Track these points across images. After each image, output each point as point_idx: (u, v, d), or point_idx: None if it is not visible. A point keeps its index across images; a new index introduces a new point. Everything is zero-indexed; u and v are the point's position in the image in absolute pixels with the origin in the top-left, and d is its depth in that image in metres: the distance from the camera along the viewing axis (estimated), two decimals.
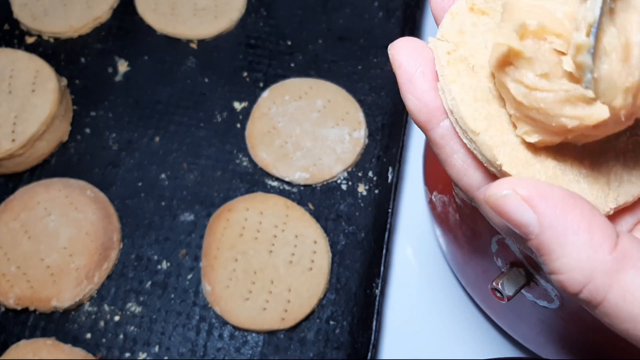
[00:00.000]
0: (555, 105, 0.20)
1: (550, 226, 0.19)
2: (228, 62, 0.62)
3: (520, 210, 0.20)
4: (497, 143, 0.21)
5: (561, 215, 0.19)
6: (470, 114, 0.21)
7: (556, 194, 0.20)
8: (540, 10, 0.20)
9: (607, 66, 0.19)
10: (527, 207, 0.20)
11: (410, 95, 0.23)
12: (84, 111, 0.59)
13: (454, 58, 0.22)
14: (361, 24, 0.64)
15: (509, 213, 0.20)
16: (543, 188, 0.20)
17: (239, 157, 0.57)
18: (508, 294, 0.35)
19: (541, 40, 0.20)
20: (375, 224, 0.53)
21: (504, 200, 0.20)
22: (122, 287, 0.51)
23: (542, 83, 0.20)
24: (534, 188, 0.20)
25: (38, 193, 0.53)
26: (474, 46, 0.23)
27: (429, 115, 0.23)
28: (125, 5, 0.64)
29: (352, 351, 0.48)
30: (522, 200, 0.20)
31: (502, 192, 0.20)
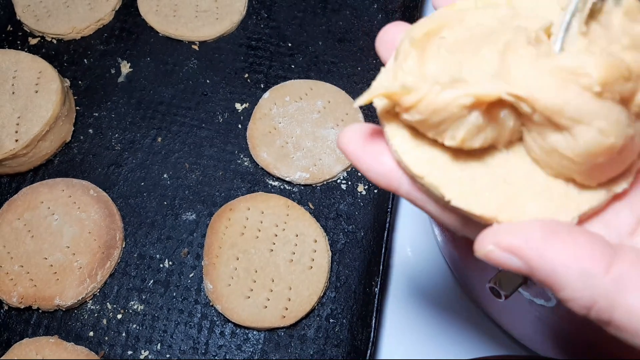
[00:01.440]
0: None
1: (539, 268, 0.20)
2: (229, 63, 0.62)
3: (508, 261, 0.21)
4: (442, 182, 0.22)
5: (545, 255, 0.20)
6: (412, 160, 0.23)
7: (536, 233, 0.21)
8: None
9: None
10: (512, 257, 0.21)
11: (366, 173, 0.25)
12: (86, 112, 0.59)
13: (391, 114, 0.24)
14: (361, 25, 0.65)
15: (500, 263, 0.21)
16: (522, 232, 0.21)
17: (240, 157, 0.57)
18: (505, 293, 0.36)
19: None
20: (375, 223, 0.54)
21: (490, 254, 0.21)
22: (125, 285, 0.51)
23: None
24: (514, 235, 0.21)
25: (41, 193, 0.53)
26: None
27: (389, 179, 0.24)
28: (128, 7, 0.65)
29: (352, 348, 0.48)
30: (505, 251, 0.21)
31: (486, 248, 0.21)
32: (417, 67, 0.23)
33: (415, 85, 0.21)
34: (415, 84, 0.22)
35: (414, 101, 0.21)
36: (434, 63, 0.23)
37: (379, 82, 0.24)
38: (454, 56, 0.23)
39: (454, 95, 0.21)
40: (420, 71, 0.23)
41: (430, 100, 0.21)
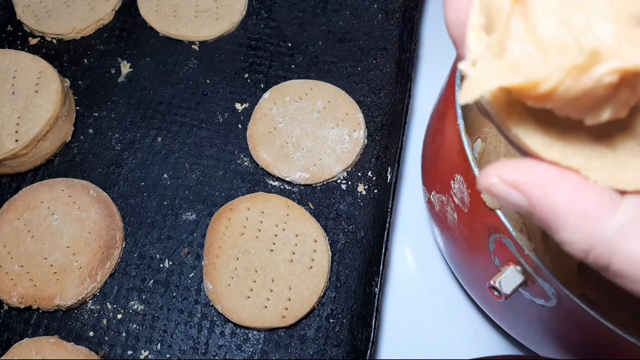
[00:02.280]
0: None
1: (541, 206, 0.20)
2: (229, 63, 0.62)
3: (510, 195, 0.21)
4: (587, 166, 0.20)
5: (550, 194, 0.20)
6: (558, 155, 0.21)
7: (544, 173, 0.20)
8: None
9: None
10: (515, 192, 0.20)
11: (449, 8, 0.22)
12: (87, 112, 0.59)
13: (500, 98, 0.21)
14: (361, 25, 0.65)
15: (502, 198, 0.21)
16: (530, 169, 0.20)
17: (240, 157, 0.57)
18: (505, 293, 0.36)
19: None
20: (375, 223, 0.54)
21: (493, 187, 0.21)
22: (125, 285, 0.51)
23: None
24: (520, 172, 0.20)
25: (41, 193, 0.53)
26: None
27: (462, 34, 0.22)
28: (128, 7, 0.65)
29: (352, 348, 0.49)
30: (509, 185, 0.20)
31: (490, 180, 0.21)
32: (527, 32, 0.19)
33: (540, 66, 0.18)
34: (537, 65, 0.18)
35: (546, 91, 0.18)
36: (546, 17, 0.19)
37: (485, 67, 0.20)
38: (564, 3, 0.19)
39: (598, 75, 0.18)
40: (533, 37, 0.19)
41: (568, 86, 0.18)
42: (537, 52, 0.19)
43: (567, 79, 0.18)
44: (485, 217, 0.37)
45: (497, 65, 0.19)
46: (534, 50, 0.19)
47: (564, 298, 0.34)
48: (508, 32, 0.20)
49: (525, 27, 0.20)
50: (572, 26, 0.19)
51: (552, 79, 0.18)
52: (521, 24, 0.20)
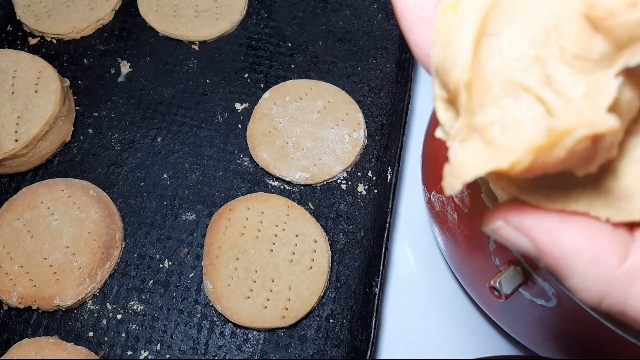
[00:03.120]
0: None
1: (548, 252, 0.19)
2: (229, 63, 0.62)
3: (517, 239, 0.20)
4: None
5: (557, 240, 0.19)
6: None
7: (551, 217, 0.19)
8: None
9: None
10: (521, 236, 0.20)
11: (413, 46, 0.21)
12: (86, 112, 0.59)
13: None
14: (361, 25, 0.65)
15: (508, 241, 0.20)
16: (536, 214, 0.19)
17: (240, 157, 0.57)
18: (506, 293, 0.36)
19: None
20: (375, 223, 0.54)
21: (499, 230, 0.20)
22: (125, 285, 0.51)
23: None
24: (526, 216, 0.19)
25: (41, 193, 0.53)
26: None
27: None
28: (128, 7, 0.65)
29: (352, 349, 0.48)
30: (515, 230, 0.20)
31: (496, 223, 0.20)
32: (491, 106, 0.19)
33: (512, 143, 0.17)
34: (509, 141, 0.18)
35: (522, 170, 0.18)
36: (505, 89, 0.18)
37: (459, 157, 0.19)
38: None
39: (568, 147, 0.17)
40: (498, 110, 0.18)
41: (543, 161, 0.17)
42: (506, 127, 0.18)
43: (538, 157, 0.17)
44: None
45: (470, 150, 0.19)
46: (503, 125, 0.18)
47: (564, 298, 0.34)
48: (472, 112, 0.19)
49: (487, 101, 0.19)
50: (535, 91, 0.18)
51: (523, 161, 0.17)
52: (484, 98, 0.19)
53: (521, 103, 0.18)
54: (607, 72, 0.18)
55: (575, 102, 0.17)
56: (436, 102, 0.20)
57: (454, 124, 0.20)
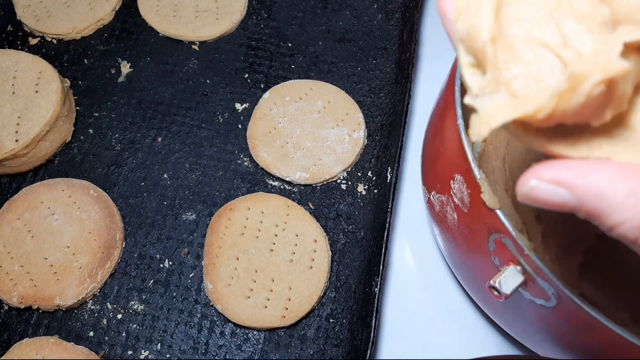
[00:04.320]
0: None
1: (586, 194, 0.20)
2: (229, 63, 0.62)
3: (552, 194, 0.21)
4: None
5: (593, 181, 0.20)
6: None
7: (581, 165, 0.20)
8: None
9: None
10: (557, 187, 0.20)
11: (444, 20, 0.24)
12: (87, 112, 0.59)
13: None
14: (361, 25, 0.65)
15: (544, 199, 0.21)
16: (566, 165, 0.21)
17: (240, 157, 0.57)
18: (505, 293, 0.36)
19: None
20: (375, 223, 0.54)
21: (535, 191, 0.21)
22: (125, 285, 0.51)
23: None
24: (558, 168, 0.20)
25: (41, 193, 0.53)
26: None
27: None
28: (128, 7, 0.65)
29: (352, 348, 0.49)
30: (550, 183, 0.20)
31: (529, 184, 0.21)
32: (514, 62, 0.21)
33: (535, 93, 0.20)
34: (533, 92, 0.20)
35: (545, 116, 0.20)
36: (526, 45, 0.21)
37: (486, 106, 0.21)
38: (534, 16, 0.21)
39: (586, 92, 0.19)
40: (520, 65, 0.21)
41: (564, 107, 0.19)
42: (529, 79, 0.21)
43: (560, 103, 0.19)
44: (485, 217, 0.37)
45: (497, 101, 0.21)
46: (526, 78, 0.21)
47: (564, 298, 0.34)
48: (498, 67, 0.21)
49: (511, 58, 0.21)
50: (551, 47, 0.21)
51: (546, 107, 0.19)
52: (507, 55, 0.21)
53: (540, 58, 0.21)
54: (611, 34, 0.20)
55: (588, 55, 0.20)
56: (463, 69, 0.23)
57: (482, 83, 0.22)
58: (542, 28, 0.21)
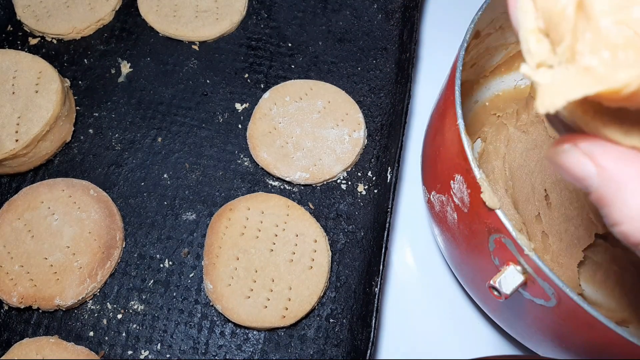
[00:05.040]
0: None
1: (610, 178, 0.20)
2: (229, 63, 0.62)
3: (579, 164, 0.20)
4: None
5: (621, 166, 0.20)
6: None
7: (616, 149, 0.20)
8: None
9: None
10: (587, 160, 0.20)
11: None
12: (87, 112, 0.59)
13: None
14: (361, 25, 0.65)
15: (570, 167, 0.21)
16: (605, 144, 0.20)
17: (240, 157, 0.57)
18: (505, 292, 0.36)
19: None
20: (375, 223, 0.54)
21: (565, 155, 0.21)
22: (125, 285, 0.51)
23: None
24: (597, 144, 0.20)
25: (41, 193, 0.53)
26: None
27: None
28: (128, 7, 0.65)
29: (352, 348, 0.49)
30: (583, 154, 0.20)
31: (564, 147, 0.21)
32: (592, 34, 0.19)
33: (613, 68, 0.18)
34: (610, 67, 0.19)
35: (628, 94, 0.18)
36: (605, 17, 0.19)
37: (562, 75, 0.20)
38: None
39: None
40: (599, 38, 0.19)
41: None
42: (606, 55, 0.19)
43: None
44: (485, 217, 0.37)
45: (573, 72, 0.19)
46: (604, 52, 0.19)
47: (564, 298, 0.34)
48: (576, 36, 0.20)
49: (589, 30, 0.20)
50: (631, 21, 0.19)
51: (633, 83, 0.18)
52: (585, 26, 0.20)
53: (622, 35, 0.19)
54: None
55: None
56: (527, 35, 0.21)
57: (547, 54, 0.20)
58: (623, 2, 0.19)
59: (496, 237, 0.37)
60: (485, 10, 0.45)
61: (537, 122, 0.54)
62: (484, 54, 0.57)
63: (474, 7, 0.46)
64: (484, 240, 0.39)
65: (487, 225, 0.37)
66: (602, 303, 0.51)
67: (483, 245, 0.39)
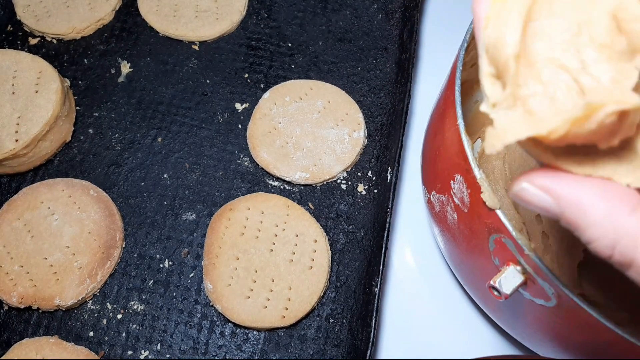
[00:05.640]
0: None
1: (568, 205, 0.22)
2: (229, 63, 0.62)
3: (538, 198, 0.23)
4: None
5: (575, 193, 0.22)
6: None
7: (571, 179, 0.22)
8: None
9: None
10: (543, 194, 0.22)
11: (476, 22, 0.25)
12: (87, 112, 0.59)
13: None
14: (361, 25, 0.65)
15: (531, 201, 0.23)
16: (559, 176, 0.22)
17: (240, 157, 0.57)
18: (505, 292, 0.36)
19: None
20: (375, 223, 0.54)
21: (524, 193, 0.23)
22: (125, 285, 0.51)
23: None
24: (550, 177, 0.22)
25: (41, 193, 0.53)
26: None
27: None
28: (128, 7, 0.65)
29: (352, 348, 0.49)
30: (538, 188, 0.22)
31: (521, 185, 0.23)
32: (533, 80, 0.22)
33: (550, 113, 0.21)
34: (548, 112, 0.21)
35: (557, 138, 0.21)
36: (547, 65, 0.22)
37: (503, 122, 0.22)
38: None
39: (598, 120, 0.20)
40: (539, 84, 0.22)
41: (576, 132, 0.20)
42: (546, 98, 0.22)
43: (573, 127, 0.20)
44: (485, 217, 0.37)
45: (513, 117, 0.22)
46: (543, 97, 0.22)
47: (564, 298, 0.34)
48: (517, 83, 0.22)
49: (531, 75, 0.22)
50: (571, 71, 0.22)
51: (559, 129, 0.20)
52: (528, 72, 0.22)
53: (559, 80, 0.22)
54: (629, 63, 0.21)
55: (604, 84, 0.21)
56: (484, 78, 0.24)
57: (500, 96, 0.23)
58: (563, 50, 0.22)
59: (496, 237, 0.37)
60: None
61: None
62: None
63: None
64: (484, 240, 0.39)
65: (487, 225, 0.37)
66: (602, 303, 0.51)
67: (483, 245, 0.39)
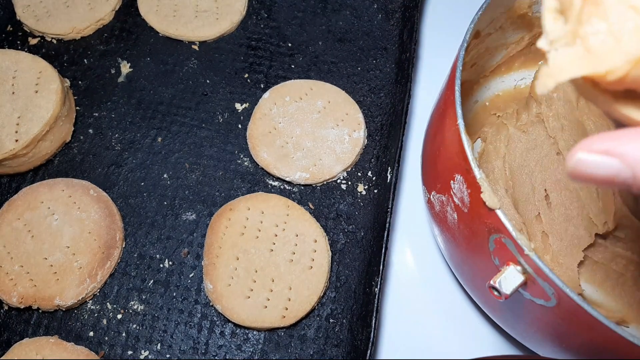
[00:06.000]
0: None
1: (636, 160, 0.19)
2: (229, 63, 0.62)
3: (602, 165, 0.19)
4: None
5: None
6: None
7: (630, 133, 0.19)
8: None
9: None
10: (606, 158, 0.19)
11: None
12: (87, 112, 0.59)
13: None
14: (361, 25, 0.65)
15: (593, 174, 0.20)
16: (615, 134, 0.19)
17: (240, 157, 0.57)
18: (505, 292, 0.36)
19: None
20: (375, 223, 0.54)
21: (581, 165, 0.20)
22: (125, 285, 0.51)
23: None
24: (610, 139, 0.19)
25: (41, 193, 0.53)
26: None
27: None
28: (128, 7, 0.65)
29: (352, 348, 0.49)
30: (599, 154, 0.19)
31: (576, 157, 0.20)
32: (599, 18, 0.20)
33: (611, 53, 0.19)
34: (609, 51, 0.19)
35: (615, 79, 0.19)
36: (616, 3, 0.20)
37: (558, 59, 0.21)
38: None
39: None
40: (605, 22, 0.20)
41: (636, 74, 0.19)
42: (610, 38, 0.20)
43: (633, 69, 0.19)
44: (485, 217, 0.37)
45: (570, 54, 0.20)
46: (606, 36, 0.20)
47: (564, 298, 0.34)
48: (581, 20, 0.21)
49: (597, 13, 0.20)
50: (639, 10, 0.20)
51: (619, 70, 0.19)
52: (593, 10, 0.20)
53: (627, 19, 0.20)
54: None
55: None
56: (546, 13, 0.22)
57: (560, 32, 0.21)
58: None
59: (496, 237, 0.37)
60: (485, 10, 0.46)
61: (537, 122, 0.54)
62: (484, 54, 0.57)
63: (474, 7, 0.46)
64: (484, 240, 0.39)
65: (487, 225, 0.37)
66: (602, 303, 0.51)
67: (483, 245, 0.39)
